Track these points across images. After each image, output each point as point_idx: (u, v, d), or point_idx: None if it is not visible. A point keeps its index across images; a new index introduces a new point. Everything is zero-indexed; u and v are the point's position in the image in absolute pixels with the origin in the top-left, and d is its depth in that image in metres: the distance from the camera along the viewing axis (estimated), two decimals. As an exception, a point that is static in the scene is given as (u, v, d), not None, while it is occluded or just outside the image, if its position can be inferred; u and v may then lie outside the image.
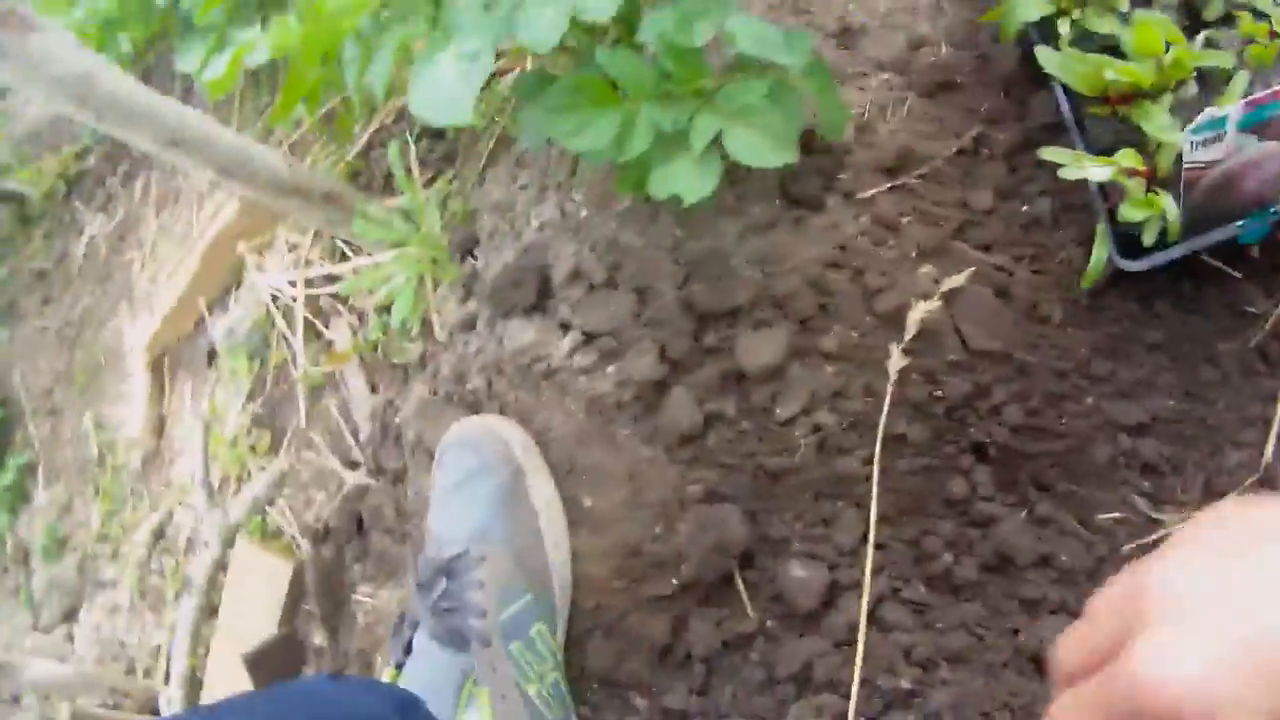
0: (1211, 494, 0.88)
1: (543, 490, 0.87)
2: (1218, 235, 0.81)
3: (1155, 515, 0.89)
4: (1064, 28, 0.81)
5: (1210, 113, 0.71)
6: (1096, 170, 0.77)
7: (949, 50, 0.94)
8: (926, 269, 0.90)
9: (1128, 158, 0.76)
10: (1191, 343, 0.91)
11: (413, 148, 1.07)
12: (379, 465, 1.04)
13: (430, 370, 1.00)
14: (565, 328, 0.94)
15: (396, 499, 1.06)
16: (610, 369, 0.93)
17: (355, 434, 1.15)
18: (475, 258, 1.02)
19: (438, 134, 1.11)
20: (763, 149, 0.77)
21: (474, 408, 0.94)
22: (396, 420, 1.06)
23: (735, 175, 0.95)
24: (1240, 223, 0.79)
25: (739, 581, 0.89)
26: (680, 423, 0.89)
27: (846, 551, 0.89)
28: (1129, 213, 0.77)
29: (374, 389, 1.13)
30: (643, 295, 0.94)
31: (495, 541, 0.81)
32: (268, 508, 1.25)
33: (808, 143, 0.94)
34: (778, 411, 0.89)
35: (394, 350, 1.11)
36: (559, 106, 0.80)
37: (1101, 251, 0.81)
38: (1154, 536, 0.87)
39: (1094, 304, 0.92)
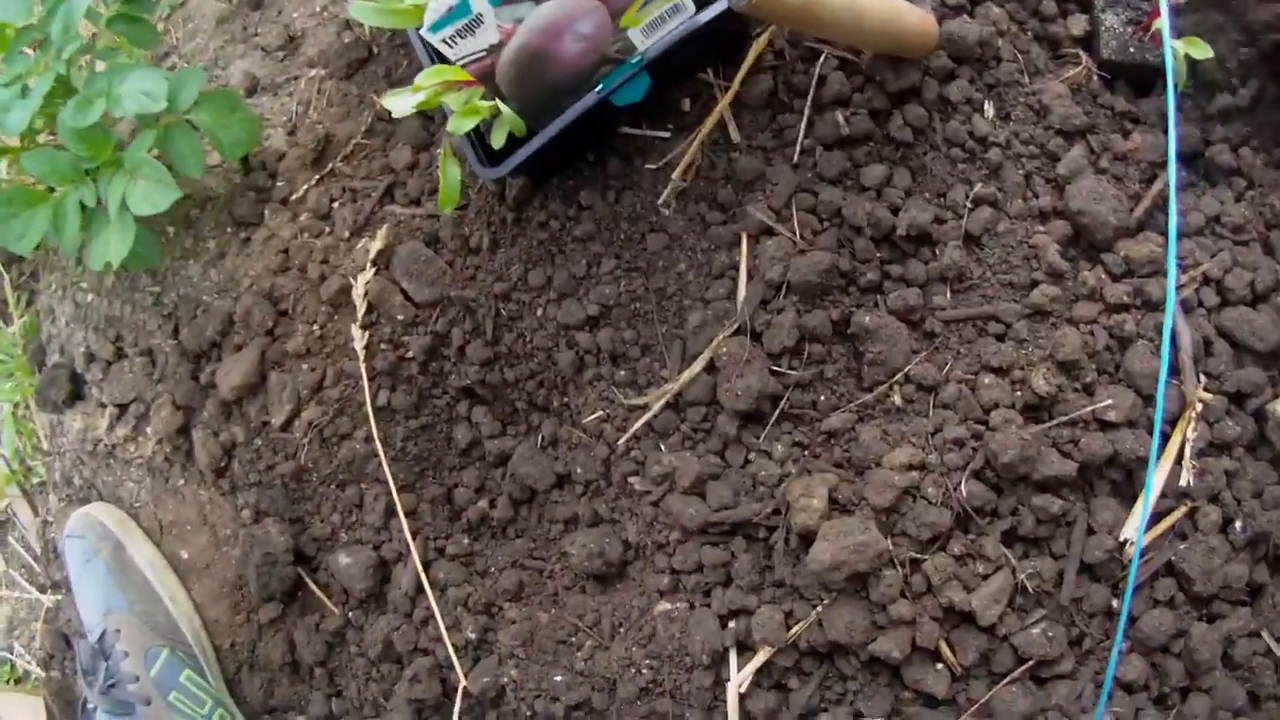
0: (688, 359, 0.69)
1: (143, 553, 0.87)
2: (582, 107, 0.64)
3: (632, 402, 0.71)
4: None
5: (440, 4, 0.57)
6: (400, 101, 0.62)
7: (372, 26, 0.83)
8: (361, 243, 0.78)
9: (439, 73, 0.62)
10: (630, 220, 0.71)
11: (5, 277, 1.04)
12: (53, 581, 1.06)
13: (51, 480, 1.02)
14: (104, 407, 0.89)
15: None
16: (148, 430, 0.85)
17: (37, 559, 1.14)
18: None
19: (19, 257, 1.04)
20: (153, 196, 0.72)
21: (86, 501, 0.95)
22: (52, 535, 1.05)
23: (189, 219, 0.83)
24: (598, 88, 0.64)
25: (311, 584, 0.80)
26: (205, 459, 0.81)
27: (381, 527, 0.78)
28: (456, 124, 0.62)
29: (36, 512, 1.13)
30: (150, 356, 0.85)
31: (121, 611, 0.85)
32: (9, 655, 1.21)
33: (247, 164, 0.84)
34: (273, 421, 0.78)
35: (35, 472, 1.11)
36: (4, 217, 0.79)
37: (454, 170, 0.68)
38: (638, 424, 0.70)
39: (519, 217, 0.74)
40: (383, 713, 0.77)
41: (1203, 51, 0.64)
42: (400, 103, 0.61)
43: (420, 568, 0.72)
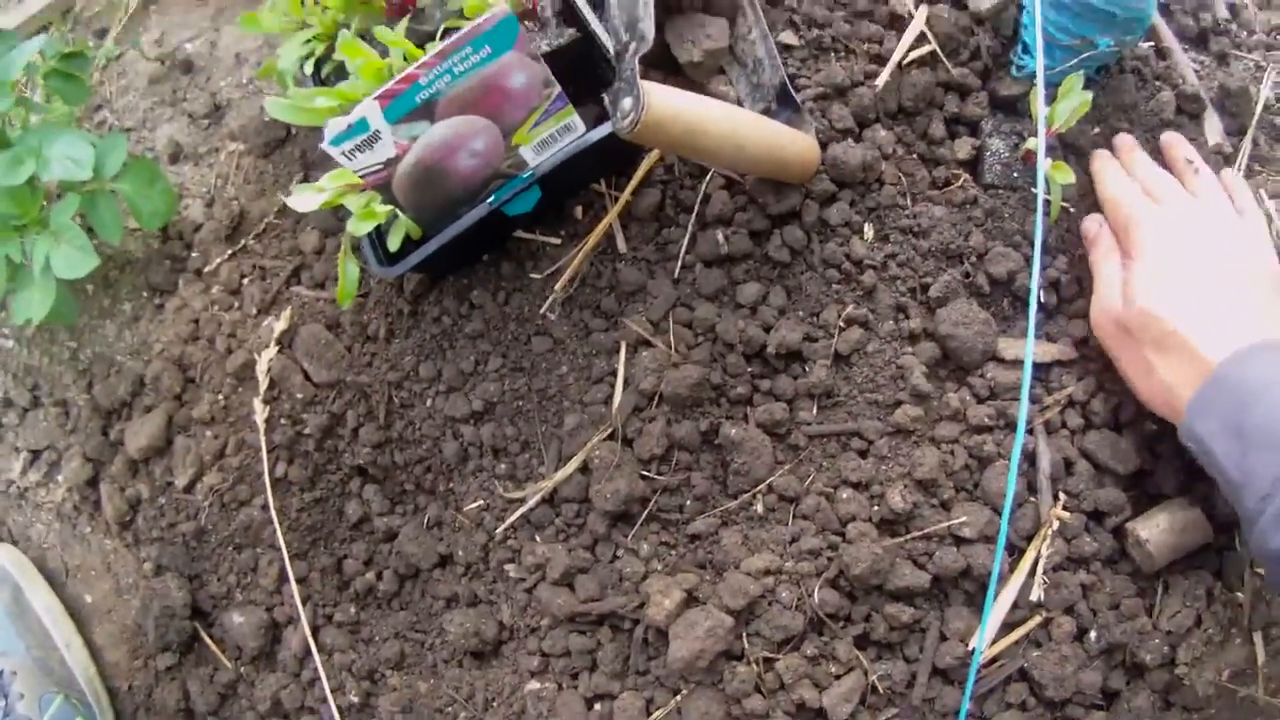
0: (564, 459, 0.72)
1: (41, 599, 0.88)
2: (474, 217, 0.67)
3: (511, 495, 0.74)
4: (308, 68, 0.73)
5: (338, 122, 0.59)
6: (304, 200, 0.64)
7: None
8: (268, 321, 0.81)
9: (341, 176, 0.64)
10: (518, 321, 0.74)
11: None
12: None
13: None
14: (18, 451, 0.92)
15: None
16: (59, 478, 0.88)
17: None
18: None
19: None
20: (74, 262, 0.74)
21: (-1, 538, 0.91)
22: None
23: (108, 280, 0.86)
24: (490, 200, 0.67)
25: (207, 638, 0.83)
26: (111, 512, 0.84)
27: (274, 591, 0.80)
28: (355, 226, 0.65)
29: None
30: (64, 407, 0.88)
31: (17, 655, 0.85)
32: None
33: (165, 232, 0.86)
34: (177, 482, 0.81)
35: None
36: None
37: (352, 269, 0.71)
38: (515, 516, 0.74)
39: (415, 310, 0.77)
40: (271, 764, 0.81)
41: (1066, 177, 0.68)
42: (304, 201, 0.65)
43: (309, 632, 0.76)
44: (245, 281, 0.78)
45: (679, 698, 0.68)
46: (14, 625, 0.85)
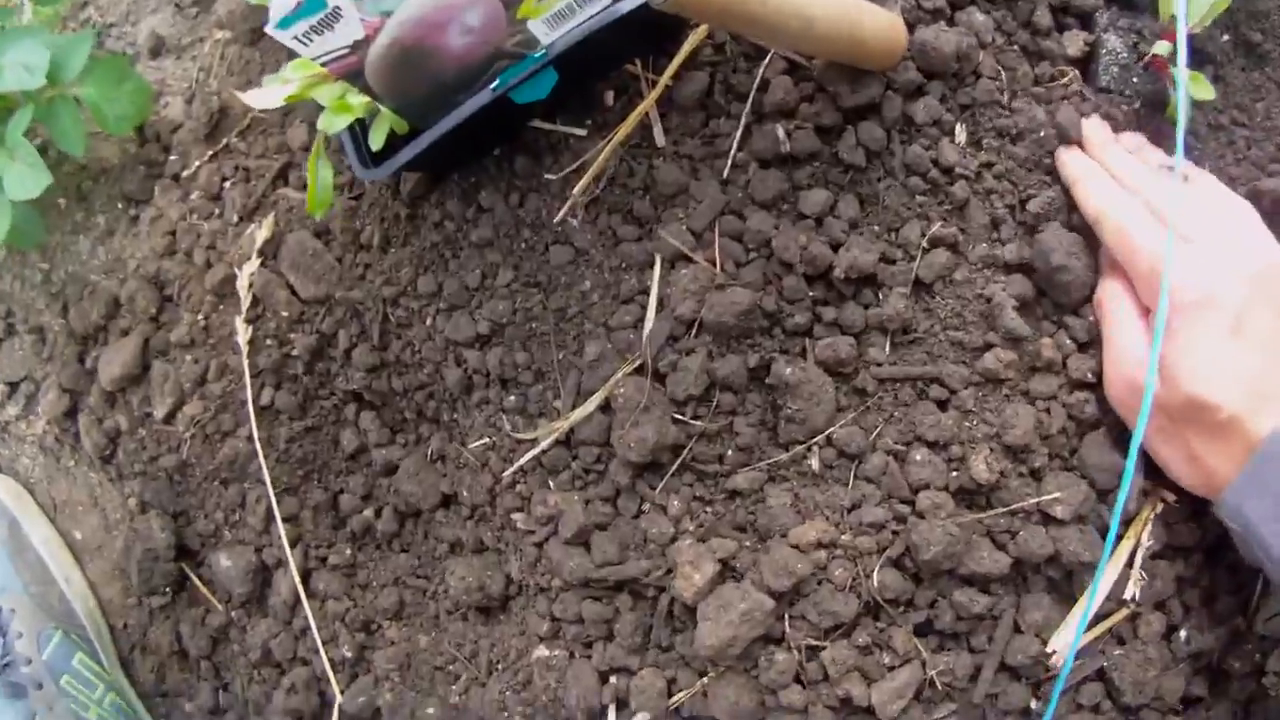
0: (583, 395, 0.60)
1: (39, 531, 0.84)
2: (473, 107, 0.56)
3: (521, 436, 0.63)
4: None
5: (284, 2, 0.48)
6: (267, 95, 0.56)
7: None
8: (250, 229, 0.70)
9: (309, 65, 0.55)
10: (533, 227, 0.62)
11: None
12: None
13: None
14: None
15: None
16: (39, 409, 0.81)
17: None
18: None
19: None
20: (26, 181, 0.67)
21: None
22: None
23: (81, 191, 0.77)
24: (494, 86, 0.56)
25: (196, 580, 0.77)
26: (90, 445, 0.77)
27: (263, 530, 0.72)
28: (327, 123, 0.57)
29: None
30: (40, 334, 0.80)
31: (15, 591, 0.82)
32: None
33: (142, 135, 0.76)
34: (156, 412, 0.73)
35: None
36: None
37: (325, 173, 0.61)
38: (525, 458, 0.62)
39: (413, 214, 0.65)
40: (265, 713, 0.73)
41: (1205, 92, 0.52)
42: (267, 96, 0.53)
43: (298, 579, 0.67)
44: (227, 185, 0.67)
45: (705, 680, 0.58)
46: (12, 561, 0.79)
